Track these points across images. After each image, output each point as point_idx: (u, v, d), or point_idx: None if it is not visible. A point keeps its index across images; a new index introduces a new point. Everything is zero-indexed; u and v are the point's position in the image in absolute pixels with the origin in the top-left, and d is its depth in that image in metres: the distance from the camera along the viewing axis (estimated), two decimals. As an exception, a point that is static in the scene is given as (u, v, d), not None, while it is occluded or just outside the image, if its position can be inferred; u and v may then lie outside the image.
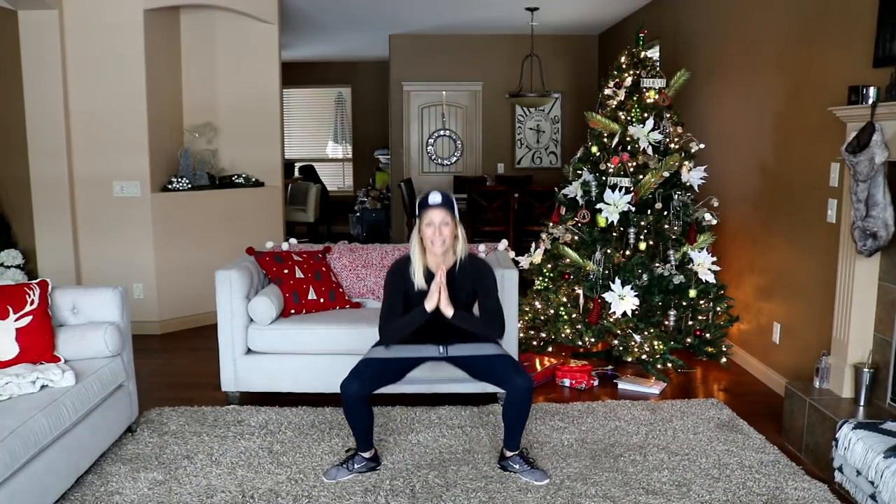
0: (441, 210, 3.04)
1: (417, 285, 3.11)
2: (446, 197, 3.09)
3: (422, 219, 3.07)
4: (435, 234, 3.04)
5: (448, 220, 3.05)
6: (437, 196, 3.07)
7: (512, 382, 3.09)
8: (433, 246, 3.06)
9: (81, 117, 5.29)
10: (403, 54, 8.99)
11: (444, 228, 3.04)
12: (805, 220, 4.06)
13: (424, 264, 3.12)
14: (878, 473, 2.71)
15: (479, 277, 3.18)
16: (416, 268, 3.11)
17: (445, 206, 3.05)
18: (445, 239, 3.05)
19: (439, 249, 3.06)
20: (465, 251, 3.15)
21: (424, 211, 3.07)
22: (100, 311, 3.51)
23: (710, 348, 4.73)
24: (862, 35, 3.48)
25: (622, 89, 4.91)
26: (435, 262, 3.11)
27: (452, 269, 3.13)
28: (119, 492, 3.07)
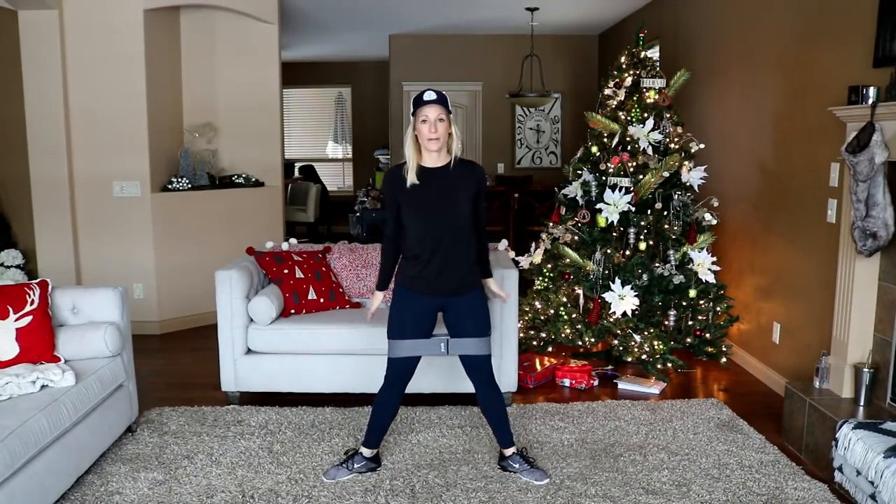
0: (436, 106, 3.01)
1: (410, 181, 3.04)
2: (441, 94, 3.06)
3: (417, 116, 3.03)
4: (430, 129, 3.00)
5: (443, 115, 3.01)
6: (431, 93, 3.04)
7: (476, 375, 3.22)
8: (429, 143, 3.02)
9: (81, 117, 5.29)
10: (403, 54, 8.99)
11: (440, 124, 3.00)
12: (805, 220, 4.06)
13: (418, 162, 3.07)
14: (878, 473, 2.71)
15: (480, 184, 3.15)
16: (410, 165, 3.05)
17: (440, 102, 3.03)
18: (441, 136, 3.01)
19: (434, 146, 3.02)
20: (459, 149, 3.11)
21: (419, 108, 3.03)
22: (100, 311, 3.51)
23: (710, 348, 4.73)
24: (862, 35, 3.48)
25: (622, 89, 4.91)
26: (430, 159, 3.07)
27: (448, 165, 3.09)
28: (119, 492, 3.07)
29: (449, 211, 3.04)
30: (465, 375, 3.40)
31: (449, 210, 3.04)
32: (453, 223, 3.06)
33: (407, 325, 3.15)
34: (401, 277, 3.18)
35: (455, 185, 3.06)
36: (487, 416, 3.29)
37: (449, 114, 3.04)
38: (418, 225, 3.06)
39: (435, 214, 3.04)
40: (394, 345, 3.18)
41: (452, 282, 3.11)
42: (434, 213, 3.04)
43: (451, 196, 3.04)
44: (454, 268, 3.10)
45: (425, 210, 3.04)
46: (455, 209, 3.05)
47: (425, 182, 3.03)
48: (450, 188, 3.05)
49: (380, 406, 3.24)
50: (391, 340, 3.18)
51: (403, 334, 3.15)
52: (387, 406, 3.24)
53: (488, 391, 3.23)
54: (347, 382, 4.02)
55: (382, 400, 3.23)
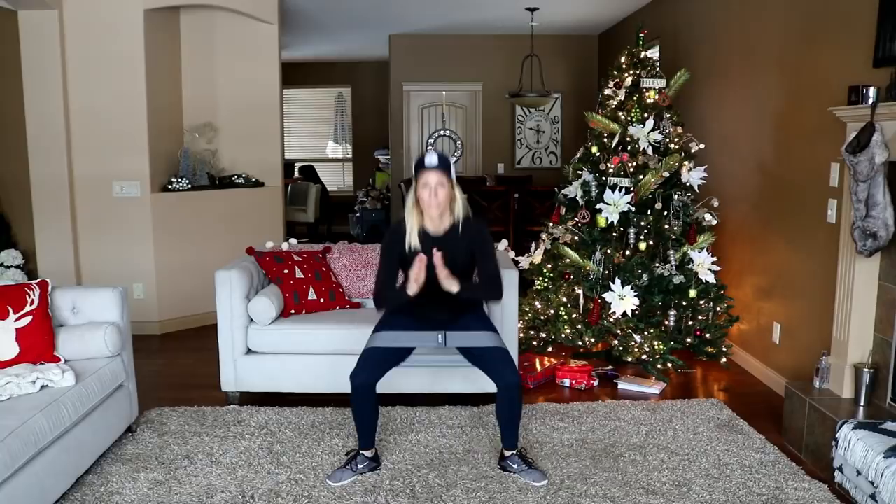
0: (437, 172, 2.98)
1: (411, 245, 3.05)
2: (443, 158, 3.03)
3: (417, 180, 3.02)
4: (431, 195, 2.98)
5: (444, 181, 2.99)
6: (433, 157, 3.00)
7: (502, 378, 3.09)
8: (429, 208, 3.01)
9: (81, 117, 5.29)
10: (403, 54, 8.99)
11: (440, 190, 2.98)
12: (805, 220, 4.06)
13: (420, 225, 3.07)
14: (878, 473, 2.71)
15: (478, 241, 3.14)
16: (411, 228, 3.06)
17: (441, 167, 2.99)
18: (441, 202, 3.00)
19: (435, 212, 3.02)
20: (462, 213, 3.10)
21: (420, 172, 3.01)
22: (100, 311, 3.51)
23: (710, 348, 4.73)
24: (862, 35, 3.48)
25: (622, 89, 4.91)
26: (432, 224, 3.07)
27: (449, 231, 3.09)
28: (119, 492, 3.07)
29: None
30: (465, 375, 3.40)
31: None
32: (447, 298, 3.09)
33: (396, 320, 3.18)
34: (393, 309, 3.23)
35: (454, 253, 3.06)
36: (501, 418, 3.20)
37: (451, 178, 3.03)
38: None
39: (433, 280, 3.01)
40: (374, 337, 3.19)
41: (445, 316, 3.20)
42: (432, 279, 3.01)
43: (453, 261, 3.03)
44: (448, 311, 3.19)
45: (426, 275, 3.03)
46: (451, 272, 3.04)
47: (425, 247, 3.03)
48: (452, 254, 3.04)
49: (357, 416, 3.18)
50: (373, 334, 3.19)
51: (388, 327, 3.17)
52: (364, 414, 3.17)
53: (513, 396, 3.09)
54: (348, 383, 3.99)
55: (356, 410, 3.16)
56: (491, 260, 3.16)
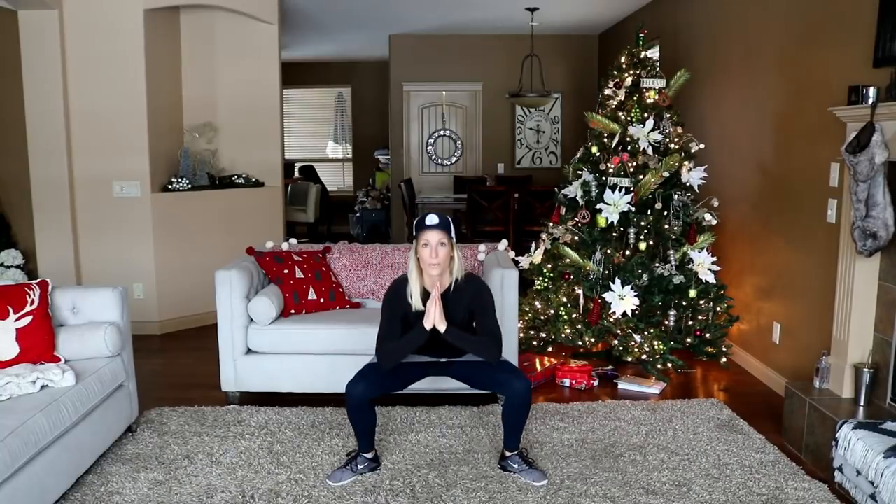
0: (437, 231, 3.04)
1: (415, 307, 3.12)
2: (443, 218, 3.10)
3: (418, 239, 3.08)
4: (431, 254, 3.04)
5: (444, 240, 3.05)
6: (433, 217, 3.08)
7: (510, 387, 3.10)
8: (430, 268, 3.06)
9: (81, 117, 5.29)
10: (403, 54, 8.99)
11: (441, 249, 3.04)
12: (805, 220, 4.06)
13: (422, 285, 3.13)
14: (878, 473, 2.71)
15: (476, 297, 3.18)
16: (414, 289, 3.12)
17: (442, 226, 3.06)
18: (441, 262, 3.06)
19: (435, 270, 3.07)
20: (461, 272, 3.16)
21: (421, 232, 3.07)
22: (100, 311, 3.51)
23: (710, 348, 4.73)
24: (862, 35, 3.48)
25: (622, 89, 4.91)
26: (431, 283, 3.12)
27: (448, 289, 3.13)
28: (119, 492, 3.07)
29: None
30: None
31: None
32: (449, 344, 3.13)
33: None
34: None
35: (455, 311, 3.13)
36: (507, 422, 3.19)
37: (451, 238, 3.09)
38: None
39: (433, 338, 3.09)
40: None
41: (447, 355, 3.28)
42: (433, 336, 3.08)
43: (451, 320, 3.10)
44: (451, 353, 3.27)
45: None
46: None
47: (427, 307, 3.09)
48: (449, 314, 3.09)
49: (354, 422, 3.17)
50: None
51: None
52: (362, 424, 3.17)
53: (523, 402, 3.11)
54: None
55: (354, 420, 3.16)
56: (488, 314, 3.17)
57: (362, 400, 3.09)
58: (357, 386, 3.09)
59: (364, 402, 3.11)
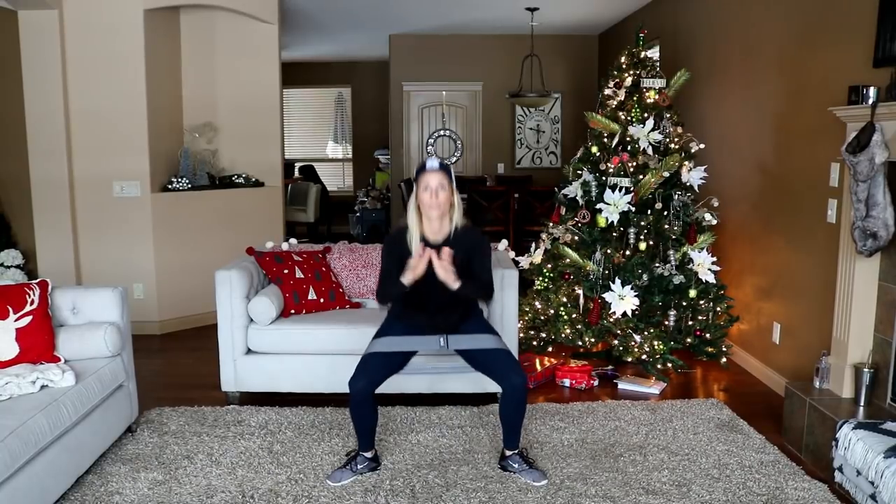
0: (438, 174, 3.02)
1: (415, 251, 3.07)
2: (443, 163, 3.09)
3: (419, 184, 3.05)
4: (431, 198, 3.02)
5: (445, 184, 3.03)
6: (434, 161, 3.06)
7: (507, 379, 3.10)
8: (430, 210, 3.04)
9: (81, 117, 5.29)
10: (403, 54, 8.99)
11: (441, 193, 3.02)
12: (805, 220, 4.06)
13: (421, 231, 3.10)
14: (878, 473, 2.71)
15: (473, 248, 3.16)
16: (414, 234, 3.09)
17: (442, 170, 3.04)
18: (441, 203, 3.03)
19: (435, 214, 3.04)
20: (461, 219, 3.13)
21: (421, 176, 3.05)
22: (100, 311, 3.51)
23: (710, 348, 4.73)
24: (862, 35, 3.48)
25: (622, 89, 4.91)
26: (431, 230, 3.09)
27: (447, 238, 3.11)
28: (119, 492, 3.07)
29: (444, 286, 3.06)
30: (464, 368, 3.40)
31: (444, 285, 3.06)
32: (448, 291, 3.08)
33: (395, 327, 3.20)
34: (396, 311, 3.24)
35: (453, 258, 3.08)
36: (505, 420, 3.20)
37: (451, 182, 3.06)
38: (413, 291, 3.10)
39: (431, 286, 3.06)
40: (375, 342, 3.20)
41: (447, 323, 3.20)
42: (430, 285, 3.06)
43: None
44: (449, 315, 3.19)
45: (421, 282, 3.05)
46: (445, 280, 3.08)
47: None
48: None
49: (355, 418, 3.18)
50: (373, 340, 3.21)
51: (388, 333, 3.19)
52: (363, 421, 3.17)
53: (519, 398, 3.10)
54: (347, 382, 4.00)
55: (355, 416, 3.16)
56: (485, 266, 3.19)
57: (365, 394, 3.09)
58: (359, 381, 3.08)
59: (368, 397, 3.10)
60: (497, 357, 3.16)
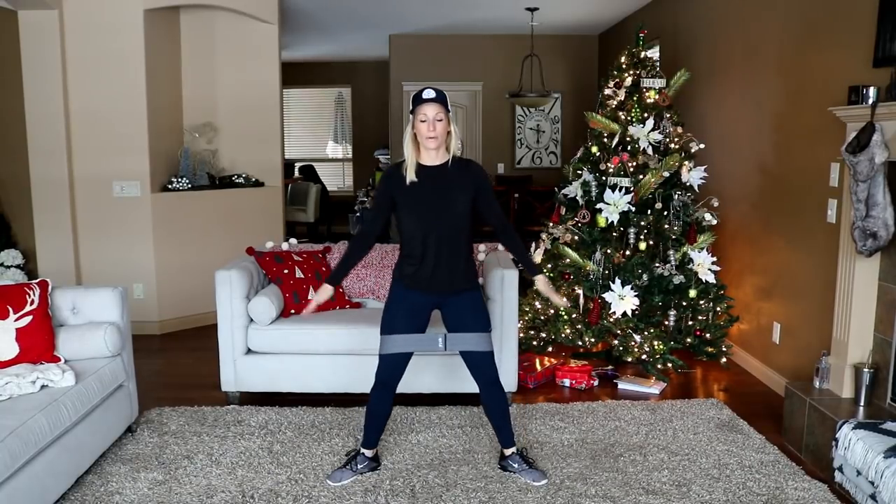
0: (435, 104, 3.02)
1: (409, 179, 3.05)
2: (440, 92, 3.07)
3: (416, 114, 3.04)
4: (429, 128, 3.00)
5: (442, 114, 3.02)
6: (430, 91, 3.05)
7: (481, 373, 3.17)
8: (427, 141, 3.02)
9: (81, 117, 5.29)
10: (403, 54, 8.99)
11: (438, 123, 3.01)
12: (805, 220, 4.06)
13: (417, 160, 3.08)
14: (878, 473, 2.71)
15: (479, 181, 3.15)
16: (409, 163, 3.06)
17: (439, 100, 3.04)
18: (439, 133, 3.02)
19: (433, 144, 3.03)
20: (458, 148, 3.12)
21: (418, 106, 3.03)
22: (100, 311, 3.51)
23: (710, 348, 4.73)
24: (862, 35, 3.48)
25: (622, 89, 4.91)
26: (428, 157, 3.08)
27: (445, 164, 3.10)
28: (119, 492, 3.07)
29: (444, 209, 3.05)
30: (464, 375, 3.40)
31: (444, 208, 3.04)
32: (448, 222, 3.06)
33: (399, 320, 3.14)
34: (397, 275, 3.19)
35: (452, 184, 3.07)
36: (490, 415, 3.27)
37: (448, 112, 3.05)
38: (414, 222, 3.06)
39: (431, 211, 3.04)
40: (385, 340, 3.15)
41: (447, 279, 3.12)
42: (430, 210, 3.04)
43: (447, 195, 3.05)
44: (449, 266, 3.10)
45: (421, 207, 3.04)
46: (451, 207, 3.06)
47: (423, 180, 3.04)
48: (447, 187, 3.06)
49: (372, 407, 3.20)
50: (383, 336, 3.16)
51: (395, 329, 3.14)
52: (379, 407, 3.20)
53: (492, 391, 3.20)
54: (347, 382, 4.02)
55: (374, 401, 3.19)
56: (494, 201, 3.22)
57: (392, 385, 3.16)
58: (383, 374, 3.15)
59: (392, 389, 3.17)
60: (481, 356, 3.18)
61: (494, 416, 3.25)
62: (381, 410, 3.21)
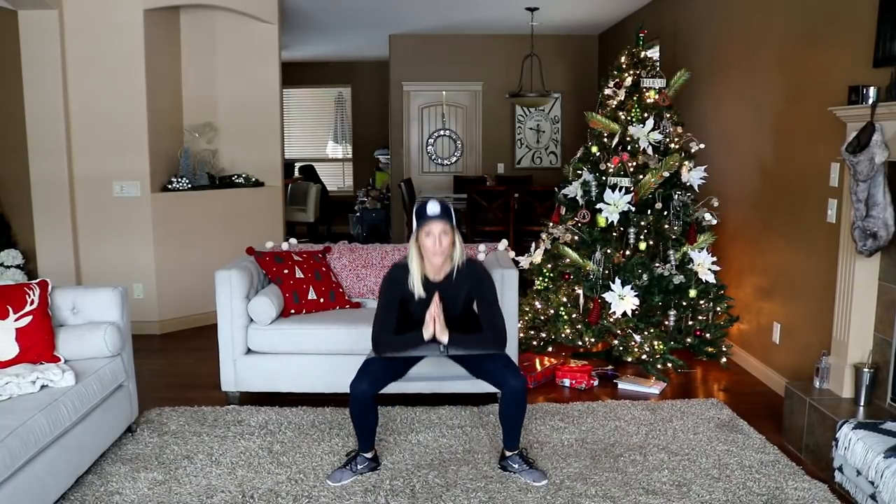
0: (440, 221, 3.04)
1: (417, 294, 3.11)
2: (444, 206, 3.08)
3: (421, 228, 3.06)
4: (435, 244, 3.03)
5: (447, 229, 3.05)
6: (435, 206, 3.05)
7: (506, 383, 3.11)
8: (433, 256, 3.07)
9: (81, 117, 5.29)
10: (403, 54, 8.99)
11: (444, 238, 3.04)
12: (805, 220, 4.06)
13: (423, 273, 3.12)
14: (878, 473, 2.71)
15: (476, 283, 3.17)
16: (415, 277, 3.10)
17: (444, 215, 3.05)
18: (445, 249, 3.06)
19: (439, 259, 3.08)
20: (461, 257, 3.15)
21: (424, 222, 3.05)
22: (100, 311, 3.51)
23: (710, 348, 4.73)
24: (862, 35, 3.48)
25: (622, 89, 4.91)
26: (433, 270, 3.12)
27: (449, 276, 3.13)
28: (119, 492, 3.07)
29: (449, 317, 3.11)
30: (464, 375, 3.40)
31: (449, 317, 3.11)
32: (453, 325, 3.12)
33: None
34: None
35: (456, 296, 3.15)
36: (505, 420, 3.20)
37: (453, 226, 3.08)
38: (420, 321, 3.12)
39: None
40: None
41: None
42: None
43: (448, 309, 3.12)
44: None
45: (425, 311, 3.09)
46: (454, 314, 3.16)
47: (428, 294, 3.10)
48: (449, 302, 3.13)
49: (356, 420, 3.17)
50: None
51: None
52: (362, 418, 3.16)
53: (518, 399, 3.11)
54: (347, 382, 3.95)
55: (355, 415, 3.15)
56: (489, 304, 3.17)
57: (367, 397, 3.10)
58: (361, 384, 3.09)
59: (369, 400, 3.11)
60: (495, 361, 3.17)
61: (509, 421, 3.19)
62: (367, 423, 3.19)
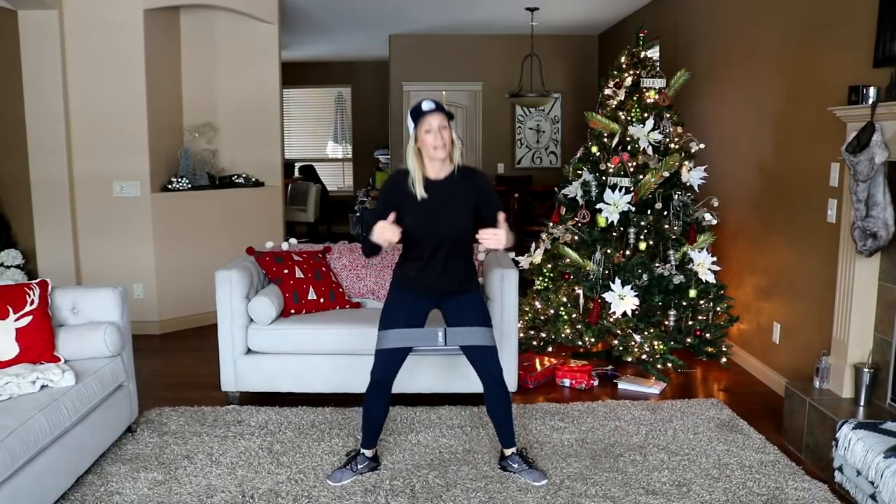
0: (437, 115, 3.00)
1: (420, 195, 3.02)
2: (438, 103, 3.05)
3: (420, 126, 3.01)
4: (436, 138, 2.98)
5: (445, 123, 3.00)
6: (430, 102, 3.02)
7: (486, 371, 3.14)
8: (435, 152, 2.99)
9: (81, 117, 5.29)
10: (403, 54, 8.99)
11: (444, 132, 2.99)
12: (805, 220, 4.06)
13: (423, 174, 3.06)
14: (878, 473, 2.71)
15: (480, 184, 3.13)
16: (416, 178, 3.04)
17: (441, 110, 3.02)
18: (447, 142, 3.00)
19: (441, 154, 3.00)
20: (460, 157, 3.10)
21: (421, 118, 3.00)
22: (100, 311, 3.51)
23: (710, 348, 4.73)
24: (862, 35, 3.48)
25: (622, 89, 4.91)
26: (433, 169, 3.06)
27: (451, 175, 3.08)
28: (119, 492, 3.07)
29: (451, 221, 3.05)
30: (464, 375, 3.41)
31: (451, 220, 3.05)
32: (454, 233, 3.07)
33: (399, 316, 3.15)
34: (397, 278, 3.19)
35: (457, 197, 3.07)
36: (492, 413, 3.24)
37: (449, 122, 3.04)
38: (420, 233, 3.06)
39: (438, 225, 3.04)
40: (383, 335, 3.15)
41: (450, 284, 3.14)
42: (437, 223, 3.04)
43: (452, 208, 3.05)
44: (452, 272, 3.12)
45: (430, 221, 3.03)
46: (457, 219, 3.06)
47: (431, 194, 3.04)
48: (452, 200, 3.05)
49: (369, 407, 3.19)
50: (381, 332, 3.16)
51: (394, 324, 3.14)
52: (375, 406, 3.18)
53: (496, 389, 3.17)
54: (347, 382, 4.01)
55: (369, 400, 3.18)
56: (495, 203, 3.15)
57: (387, 382, 3.13)
58: (379, 370, 3.13)
59: (387, 386, 3.14)
60: (483, 351, 3.17)
61: (497, 414, 3.22)
62: (378, 410, 3.20)
